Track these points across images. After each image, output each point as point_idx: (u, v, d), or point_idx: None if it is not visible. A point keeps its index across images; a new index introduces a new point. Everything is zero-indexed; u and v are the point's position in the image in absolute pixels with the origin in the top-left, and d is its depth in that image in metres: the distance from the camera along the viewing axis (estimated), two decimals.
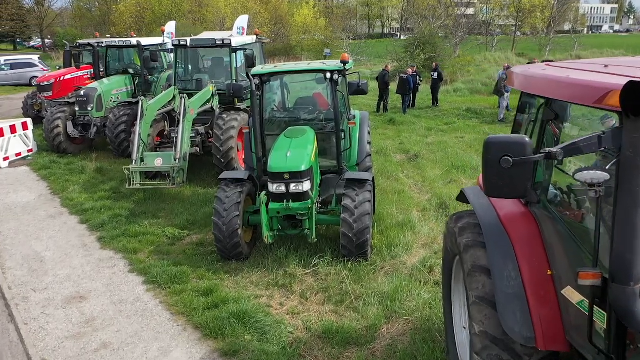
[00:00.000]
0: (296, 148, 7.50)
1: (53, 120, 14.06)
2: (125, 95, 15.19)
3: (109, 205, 10.15)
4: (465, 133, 16.29)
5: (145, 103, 10.71)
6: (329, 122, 8.57)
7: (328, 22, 56.78)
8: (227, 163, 11.14)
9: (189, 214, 9.65)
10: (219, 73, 12.87)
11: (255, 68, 8.51)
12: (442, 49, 32.89)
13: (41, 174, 12.72)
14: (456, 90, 25.93)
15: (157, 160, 10.41)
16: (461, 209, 9.44)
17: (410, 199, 9.99)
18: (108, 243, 8.53)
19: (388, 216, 8.84)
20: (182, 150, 10.27)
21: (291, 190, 7.16)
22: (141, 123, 10.60)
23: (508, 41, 46.24)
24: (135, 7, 53.43)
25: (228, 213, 7.29)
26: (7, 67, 32.93)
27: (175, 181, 10.07)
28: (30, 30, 76.98)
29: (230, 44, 11.94)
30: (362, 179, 7.44)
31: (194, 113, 10.91)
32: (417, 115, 19.47)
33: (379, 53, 42.09)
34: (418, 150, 13.63)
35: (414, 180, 11.37)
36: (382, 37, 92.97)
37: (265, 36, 44.52)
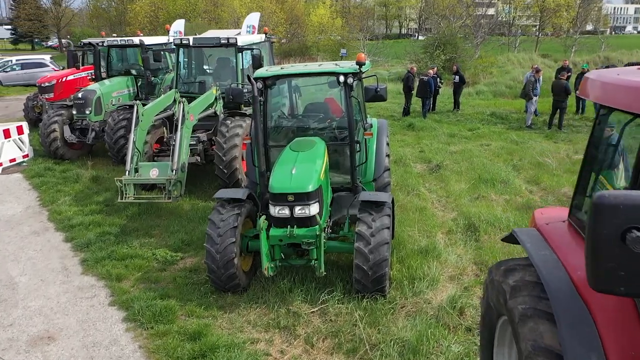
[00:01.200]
0: (303, 163, 6.43)
1: (50, 124, 13.20)
2: (127, 97, 14.28)
3: (99, 221, 9.19)
4: (491, 140, 15.06)
5: (141, 108, 9.75)
6: (342, 132, 7.50)
7: (345, 22, 55.65)
8: (230, 174, 10.12)
9: (185, 232, 8.64)
10: (224, 75, 11.85)
11: (258, 70, 7.47)
12: (463, 50, 31.53)
13: (33, 182, 11.85)
14: (479, 92, 24.64)
15: (153, 171, 9.43)
16: (492, 231, 8.35)
17: (433, 218, 8.85)
18: (91, 267, 7.54)
19: (409, 240, 7.72)
20: (179, 160, 9.28)
21: (296, 214, 6.10)
22: (136, 130, 9.65)
23: (531, 42, 44.61)
24: (150, 7, 52.93)
25: (223, 239, 6.24)
26: (18, 67, 32.49)
27: (172, 195, 9.07)
28: (47, 30, 77.42)
29: (236, 43, 10.93)
30: (380, 201, 6.33)
31: (194, 119, 9.91)
32: (437, 120, 18.26)
33: (397, 54, 40.83)
34: (440, 160, 12.46)
35: (437, 195, 10.21)
36: (400, 37, 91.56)
37: (280, 36, 43.42)
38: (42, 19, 73.79)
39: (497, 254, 7.27)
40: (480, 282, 6.64)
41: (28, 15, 71.83)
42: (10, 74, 31.98)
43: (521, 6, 45.18)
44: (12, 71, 32.26)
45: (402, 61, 38.84)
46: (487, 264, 7.07)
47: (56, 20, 73.49)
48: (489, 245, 7.63)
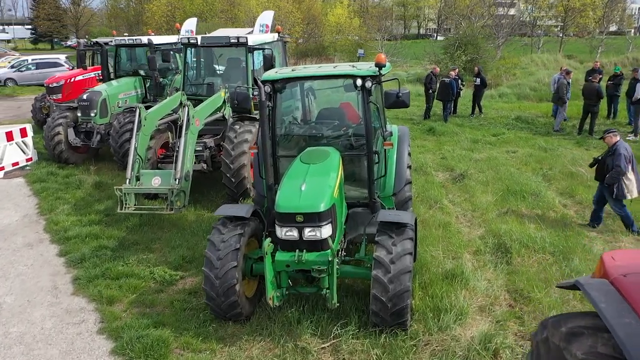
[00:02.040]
0: (314, 178, 5.70)
1: (54, 127, 12.67)
2: (134, 99, 13.69)
3: (96, 233, 8.57)
4: (518, 147, 14.14)
5: (144, 111, 9.09)
6: (358, 140, 6.75)
7: (362, 22, 54.77)
8: (238, 183, 9.43)
9: (188, 247, 7.97)
10: (234, 76, 11.16)
11: (267, 72, 6.75)
12: (484, 51, 30.46)
13: (34, 187, 11.31)
14: (502, 95, 23.61)
15: (155, 179, 8.76)
16: (526, 252, 7.47)
17: (458, 235, 8.04)
18: (83, 287, 6.90)
19: (432, 262, 6.93)
20: (183, 168, 8.60)
21: (305, 236, 5.37)
22: (138, 135, 8.98)
23: (555, 42, 43.23)
24: (167, 7, 52.73)
25: (223, 263, 5.54)
26: (33, 67, 32.35)
27: (174, 206, 8.39)
28: (66, 30, 77.89)
29: (247, 42, 10.24)
30: (401, 222, 5.56)
31: (199, 124, 9.23)
32: (459, 124, 17.36)
33: (415, 54, 39.85)
34: (464, 168, 11.61)
35: (461, 208, 9.39)
36: (418, 37, 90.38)
37: (297, 36, 42.83)
38: (61, 18, 74.27)
39: (532, 280, 6.45)
40: (516, 315, 5.85)
41: (47, 15, 72.36)
42: (25, 73, 31.85)
43: (545, 5, 43.76)
44: (27, 70, 32.13)
45: (421, 62, 37.87)
46: (522, 293, 6.26)
47: (75, 20, 73.94)
48: (522, 270, 6.81)
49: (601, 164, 8.24)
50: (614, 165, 7.98)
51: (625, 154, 7.97)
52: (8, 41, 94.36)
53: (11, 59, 42.24)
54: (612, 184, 8.06)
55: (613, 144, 8.13)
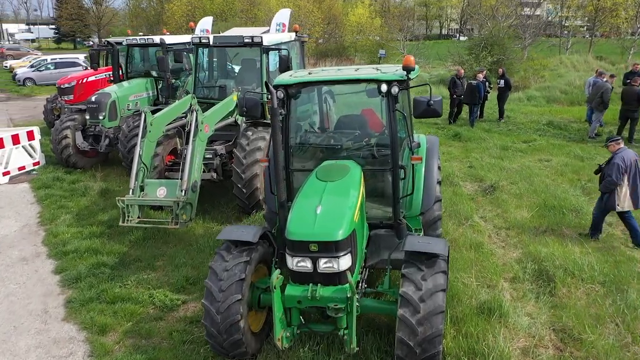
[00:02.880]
0: (332, 199, 4.95)
1: (61, 130, 12.14)
2: (146, 101, 13.11)
3: (96, 247, 7.94)
4: (551, 155, 13.17)
5: (150, 116, 8.46)
6: (382, 151, 5.99)
7: (384, 21, 53.80)
8: (250, 194, 8.74)
9: (193, 265, 7.29)
10: (248, 78, 10.46)
11: (280, 76, 6.01)
12: (511, 51, 29.29)
13: (38, 194, 10.77)
14: (530, 98, 22.50)
15: (160, 190, 8.12)
16: (572, 282, 6.57)
17: (492, 257, 7.19)
18: (75, 311, 6.26)
19: (465, 292, 6.11)
20: (190, 178, 7.93)
21: (321, 268, 4.62)
22: (143, 142, 8.37)
23: (584, 43, 41.64)
24: (187, 6, 52.56)
25: (225, 296, 4.81)
26: (52, 66, 32.24)
27: (180, 219, 7.73)
28: (89, 30, 78.49)
29: (261, 42, 9.52)
30: (433, 253, 4.76)
31: (209, 130, 8.55)
32: (486, 129, 16.41)
33: (438, 55, 38.75)
34: (494, 179, 10.72)
35: (494, 225, 8.52)
36: (440, 38, 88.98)
37: (317, 36, 42.09)
38: (84, 18, 74.86)
39: (582, 317, 5.59)
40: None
41: (70, 15, 73.03)
42: (44, 73, 31.77)
43: (575, 5, 42.16)
44: (45, 70, 32.05)
45: (444, 63, 36.80)
46: (571, 333, 5.41)
47: (97, 19, 74.46)
48: (569, 303, 5.95)
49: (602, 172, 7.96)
50: (607, 174, 7.72)
51: (621, 164, 7.59)
52: (33, 40, 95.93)
53: (32, 58, 42.49)
54: (605, 192, 7.81)
55: (613, 152, 7.79)
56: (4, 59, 51.50)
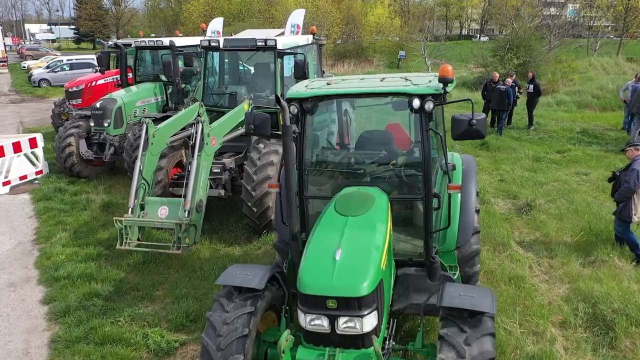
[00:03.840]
0: (354, 240, 4.10)
1: (65, 137, 11.49)
2: (154, 107, 12.42)
3: (91, 272, 7.19)
4: (589, 167, 12.11)
5: (152, 127, 7.70)
6: (411, 172, 5.14)
7: (404, 22, 52.69)
8: (261, 214, 7.94)
9: (196, 297, 6.50)
10: (261, 84, 9.67)
11: (294, 87, 5.17)
12: (538, 53, 28.05)
13: (38, 207, 10.12)
14: (560, 103, 21.34)
15: (161, 209, 7.35)
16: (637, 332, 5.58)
17: (535, 294, 6.26)
18: (59, 353, 5.51)
19: (508, 340, 5.20)
20: (194, 198, 7.15)
21: (340, 329, 3.77)
22: (144, 155, 7.63)
23: (612, 44, 40.01)
24: (204, 7, 52.14)
25: (224, 356, 3.99)
26: (67, 67, 31.93)
27: (182, 243, 6.95)
28: (108, 30, 78.78)
29: (275, 45, 8.71)
30: (478, 311, 3.87)
31: (216, 144, 7.76)
32: (516, 137, 15.37)
33: (461, 56, 37.57)
34: (530, 196, 9.74)
35: (534, 252, 7.57)
36: (460, 38, 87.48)
37: (335, 36, 41.15)
38: (103, 18, 75.12)
39: None
40: None
41: (89, 15, 73.32)
42: (59, 74, 31.46)
43: (604, 5, 40.54)
44: (61, 71, 31.75)
45: (467, 64, 35.64)
46: None
47: (116, 20, 74.70)
48: None
49: (617, 180, 7.37)
50: (624, 181, 7.15)
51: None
52: (54, 41, 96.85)
53: (49, 58, 42.42)
54: (620, 201, 7.27)
55: (632, 158, 7.21)
56: (24, 59, 51.79)
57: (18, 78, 36.98)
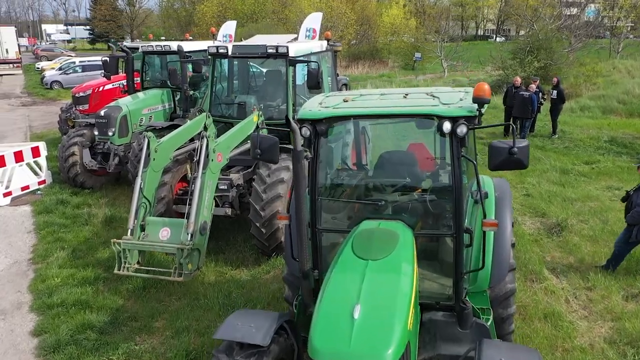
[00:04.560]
0: (376, 291, 3.51)
1: (68, 146, 11.02)
2: (161, 115, 11.91)
3: (87, 299, 6.68)
4: (621, 181, 11.35)
5: (154, 141, 7.15)
6: (438, 199, 4.54)
7: (420, 23, 51.86)
8: (270, 235, 7.37)
9: (198, 331, 5.94)
10: (272, 93, 9.10)
11: (306, 106, 4.56)
12: (560, 56, 27.14)
13: (38, 221, 9.66)
14: (583, 108, 20.47)
15: (163, 231, 6.79)
16: None
17: (575, 335, 5.59)
18: None
19: None
20: (198, 219, 6.59)
21: None
22: (145, 172, 7.07)
23: (636, 46, 38.82)
24: (218, 7, 51.82)
25: None
26: (79, 69, 31.71)
27: (184, 270, 6.38)
28: (122, 31, 79.05)
29: (287, 53, 8.14)
30: None
31: (222, 160, 7.20)
32: (540, 147, 14.62)
33: (478, 57, 36.70)
34: (561, 215, 9.03)
35: (569, 282, 6.88)
36: (476, 38, 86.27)
37: (350, 37, 40.46)
38: (117, 19, 75.33)
39: None
40: None
41: (104, 15, 73.57)
42: (71, 75, 31.22)
43: (627, 4, 39.36)
44: (73, 73, 31.50)
45: (484, 66, 34.76)
46: None
47: (130, 20, 74.87)
48: None
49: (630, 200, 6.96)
50: (635, 204, 6.76)
51: None
52: (69, 41, 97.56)
53: (63, 60, 42.38)
54: (633, 224, 6.82)
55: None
56: (39, 60, 51.92)
57: (31, 79, 36.93)
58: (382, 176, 5.25)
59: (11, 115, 22.25)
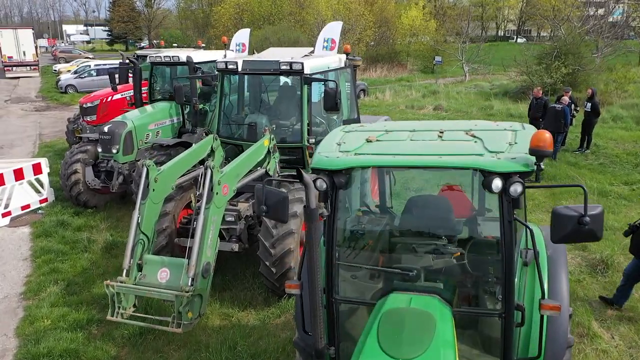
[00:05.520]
0: None
1: (70, 163, 10.42)
2: (169, 130, 11.26)
3: (76, 348, 6.01)
4: None
5: (154, 170, 6.44)
6: (479, 258, 3.79)
7: (439, 24, 50.65)
8: (281, 276, 6.62)
9: None
10: (285, 112, 8.37)
11: (321, 151, 3.78)
12: (588, 61, 25.90)
13: (36, 246, 9.05)
14: (616, 118, 19.30)
15: (162, 272, 6.07)
16: None
17: None
18: None
19: None
20: (199, 262, 5.86)
21: None
22: (143, 205, 6.35)
23: None
24: (234, 9, 51.33)
25: None
26: (94, 73, 31.39)
27: (183, 319, 5.65)
28: (140, 32, 79.28)
29: (302, 69, 7.40)
30: None
31: (228, 192, 6.45)
32: (573, 163, 13.63)
33: (502, 60, 35.41)
34: (605, 250, 8.11)
35: (621, 335, 5.99)
36: (496, 39, 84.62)
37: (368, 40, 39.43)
38: (135, 20, 75.46)
39: None
40: None
41: (122, 17, 73.75)
42: (85, 79, 30.91)
43: None
44: (88, 77, 31.18)
45: (506, 70, 33.50)
46: None
47: (148, 22, 74.93)
48: None
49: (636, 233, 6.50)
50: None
51: None
52: (88, 42, 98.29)
53: (80, 62, 42.27)
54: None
55: None
56: (57, 62, 52.02)
57: (47, 82, 36.77)
58: (410, 225, 4.47)
59: (23, 122, 21.90)
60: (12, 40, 40.89)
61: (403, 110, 22.66)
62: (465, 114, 21.41)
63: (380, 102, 24.91)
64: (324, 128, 8.10)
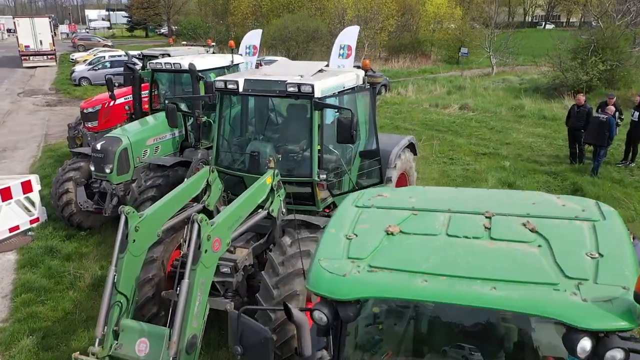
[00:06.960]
0: None
1: (62, 182, 9.54)
2: (170, 144, 10.24)
3: None
4: None
5: (134, 218, 5.40)
6: None
7: (464, 12, 48.58)
8: (283, 344, 5.59)
9: None
10: (293, 138, 7.25)
11: (322, 264, 2.70)
12: (627, 55, 24.09)
13: (19, 279, 8.21)
14: None
15: (140, 343, 5.11)
16: None
17: None
18: None
19: None
20: (183, 335, 4.86)
21: None
22: (122, 259, 5.34)
23: None
24: None
25: None
26: (108, 64, 30.70)
27: None
28: (160, 18, 78.57)
29: (312, 93, 6.28)
30: None
31: (221, 247, 5.40)
32: (617, 180, 12.25)
33: (532, 50, 33.41)
34: None
35: None
36: (524, 26, 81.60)
37: (390, 29, 37.77)
38: (155, 7, 74.72)
39: None
40: None
41: (141, 3, 73.12)
42: (99, 72, 30.19)
43: None
44: (102, 69, 30.47)
45: (537, 62, 31.58)
46: None
47: (167, 8, 74.14)
48: None
49: None
50: None
51: None
52: (109, 28, 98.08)
53: (98, 50, 41.67)
54: None
55: None
56: (76, 49, 51.55)
57: (63, 73, 36.23)
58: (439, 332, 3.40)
59: (32, 119, 21.24)
60: (29, 30, 40.45)
61: (427, 109, 21.27)
62: (494, 115, 19.99)
63: (403, 100, 23.52)
64: (337, 157, 7.00)
